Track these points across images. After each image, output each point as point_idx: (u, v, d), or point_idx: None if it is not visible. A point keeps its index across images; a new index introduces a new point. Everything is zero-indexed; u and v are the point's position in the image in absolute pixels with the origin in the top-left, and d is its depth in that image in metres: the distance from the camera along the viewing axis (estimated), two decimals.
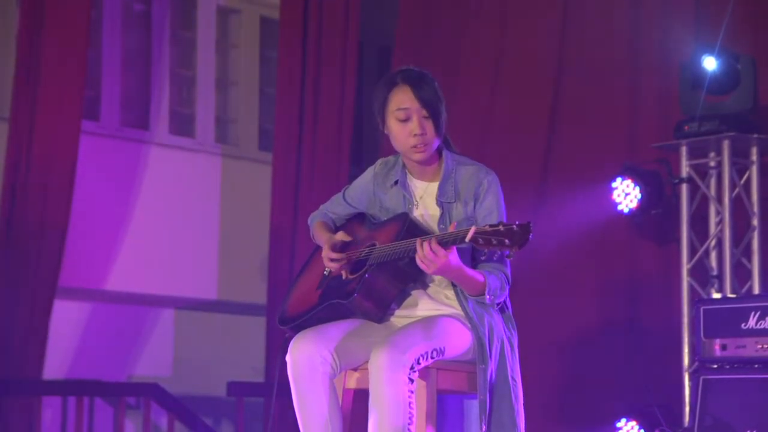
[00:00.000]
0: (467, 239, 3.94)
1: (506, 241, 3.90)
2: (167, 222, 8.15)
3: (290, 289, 4.52)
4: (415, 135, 4.26)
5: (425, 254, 4.04)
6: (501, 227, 3.91)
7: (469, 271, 4.16)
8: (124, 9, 8.16)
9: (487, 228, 3.93)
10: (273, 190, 7.99)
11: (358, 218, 4.51)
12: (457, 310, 4.27)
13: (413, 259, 4.09)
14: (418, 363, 4.07)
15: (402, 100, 4.26)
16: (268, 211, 8.04)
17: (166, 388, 7.35)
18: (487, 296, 4.20)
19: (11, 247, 6.89)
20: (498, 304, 4.27)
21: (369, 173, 4.49)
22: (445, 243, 4.03)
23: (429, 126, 4.25)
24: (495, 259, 4.23)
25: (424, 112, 4.25)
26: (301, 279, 4.52)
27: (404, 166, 4.40)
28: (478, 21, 7.44)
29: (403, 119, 4.27)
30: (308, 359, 4.15)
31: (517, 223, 3.92)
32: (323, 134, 7.96)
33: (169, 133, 8.32)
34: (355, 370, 4.26)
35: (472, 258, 4.27)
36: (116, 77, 8.08)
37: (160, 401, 7.29)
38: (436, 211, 4.31)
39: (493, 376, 4.20)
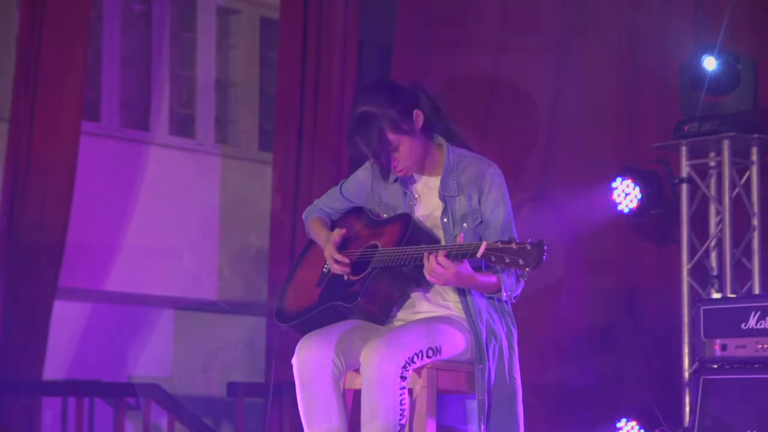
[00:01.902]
0: (479, 255, 3.92)
1: (520, 261, 3.87)
2: (167, 222, 8.15)
3: (286, 283, 4.50)
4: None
5: (433, 268, 4.02)
6: (513, 245, 3.88)
7: (482, 278, 4.14)
8: (124, 9, 8.15)
9: (499, 245, 3.90)
10: (273, 190, 7.99)
11: (355, 212, 4.49)
12: (455, 311, 4.27)
13: (418, 266, 4.07)
14: (413, 362, 4.07)
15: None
16: (268, 211, 8.03)
17: (166, 388, 7.35)
18: (504, 293, 4.19)
19: (11, 247, 6.89)
20: (515, 297, 4.27)
21: (367, 168, 4.46)
22: (453, 257, 4.01)
23: (396, 155, 4.24)
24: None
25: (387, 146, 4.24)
26: (297, 273, 4.49)
27: None
28: (477, 19, 7.44)
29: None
30: (315, 362, 4.15)
31: (529, 241, 3.89)
32: (323, 134, 7.96)
33: (169, 133, 8.31)
34: (356, 371, 4.26)
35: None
36: (116, 77, 8.08)
37: (160, 401, 7.29)
38: (438, 205, 4.29)
39: (492, 375, 4.19)
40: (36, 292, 6.95)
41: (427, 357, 4.11)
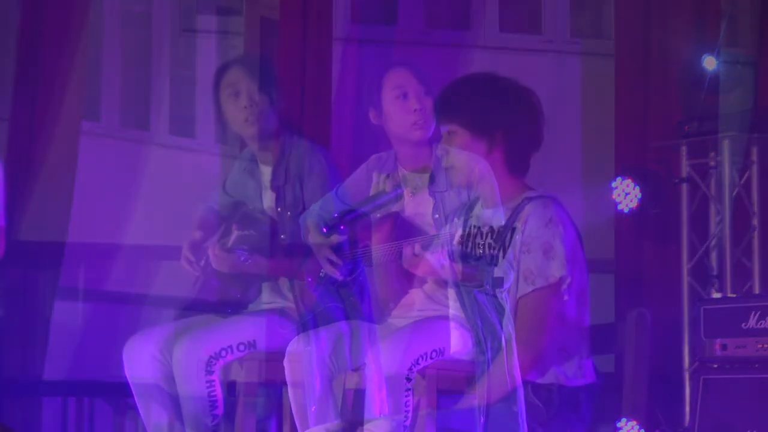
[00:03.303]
0: (455, 242, 3.94)
1: (495, 246, 3.89)
2: (167, 222, 8.14)
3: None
4: (415, 110, 4.27)
5: (408, 258, 4.04)
6: (486, 230, 3.91)
7: (466, 269, 4.15)
8: (124, 9, 8.15)
9: (473, 231, 3.93)
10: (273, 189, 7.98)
11: (349, 216, 4.51)
12: (453, 309, 4.28)
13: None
14: (417, 363, 4.08)
15: (398, 79, 4.29)
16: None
17: (165, 388, 7.33)
18: (487, 286, 4.21)
19: (11, 247, 6.89)
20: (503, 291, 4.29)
21: (362, 169, 4.51)
22: (427, 246, 4.03)
23: (428, 103, 4.27)
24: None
25: (423, 89, 4.26)
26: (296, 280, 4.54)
27: (396, 159, 4.41)
28: (478, 19, 7.45)
29: (401, 96, 4.29)
30: (306, 363, 4.17)
31: (503, 224, 3.92)
32: (323, 135, 7.95)
33: (169, 133, 8.31)
34: (354, 370, 4.27)
35: None
36: (116, 77, 8.08)
37: (160, 401, 7.27)
38: (429, 202, 4.32)
39: (491, 372, 4.20)
40: (36, 292, 6.95)
41: (431, 358, 4.12)
